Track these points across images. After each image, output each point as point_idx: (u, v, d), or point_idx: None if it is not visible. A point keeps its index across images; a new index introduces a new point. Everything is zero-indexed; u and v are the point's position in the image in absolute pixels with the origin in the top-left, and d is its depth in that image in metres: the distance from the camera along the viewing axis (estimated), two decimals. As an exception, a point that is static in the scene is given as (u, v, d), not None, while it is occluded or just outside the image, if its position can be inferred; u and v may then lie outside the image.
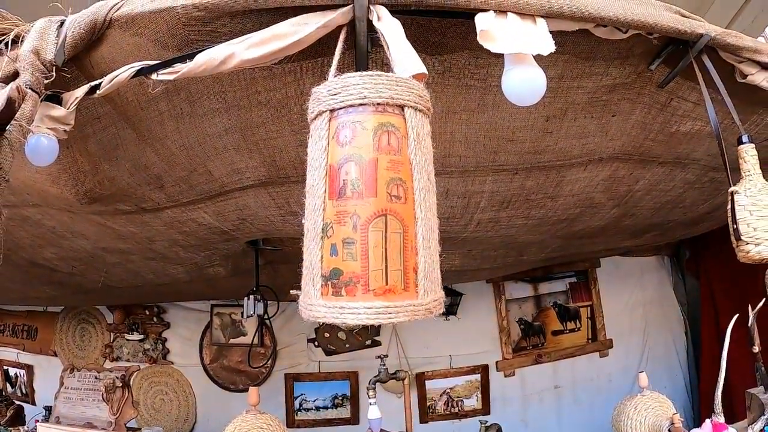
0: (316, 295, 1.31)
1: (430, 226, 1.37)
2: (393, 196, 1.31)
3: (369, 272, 1.27)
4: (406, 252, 1.30)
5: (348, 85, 1.37)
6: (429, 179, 1.40)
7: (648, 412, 3.37)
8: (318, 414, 7.11)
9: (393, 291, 1.27)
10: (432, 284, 1.35)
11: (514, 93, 1.70)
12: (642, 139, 3.00)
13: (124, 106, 2.14)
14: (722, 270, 3.99)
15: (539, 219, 3.86)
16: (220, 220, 3.24)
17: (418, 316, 1.31)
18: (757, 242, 2.16)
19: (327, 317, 1.29)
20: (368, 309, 1.25)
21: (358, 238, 1.29)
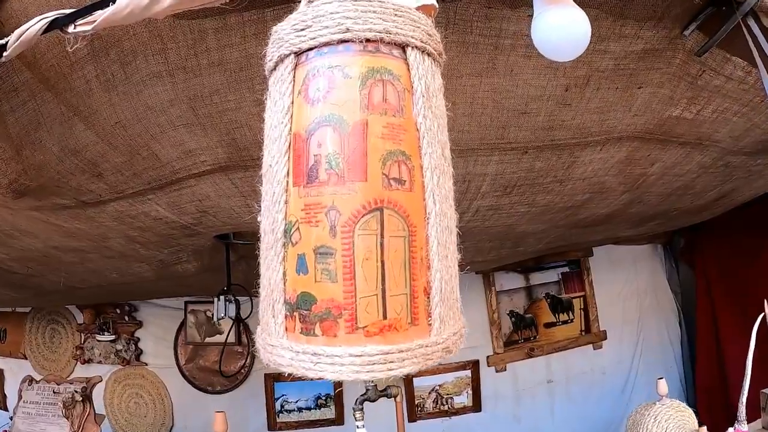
0: (278, 331, 0.87)
1: (446, 225, 0.92)
2: (392, 179, 0.85)
3: (356, 300, 0.82)
4: (413, 266, 0.85)
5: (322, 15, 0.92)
6: (444, 155, 0.95)
7: (669, 423, 3.19)
8: (301, 415, 6.91)
9: (395, 327, 0.82)
10: (451, 311, 0.92)
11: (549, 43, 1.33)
12: (666, 117, 2.79)
13: (44, 73, 1.78)
14: (718, 258, 3.86)
15: (544, 206, 3.61)
16: (177, 213, 2.91)
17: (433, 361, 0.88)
18: None
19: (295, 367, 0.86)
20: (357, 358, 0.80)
21: (338, 246, 0.83)
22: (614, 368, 7.14)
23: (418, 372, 3.20)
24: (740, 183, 4.37)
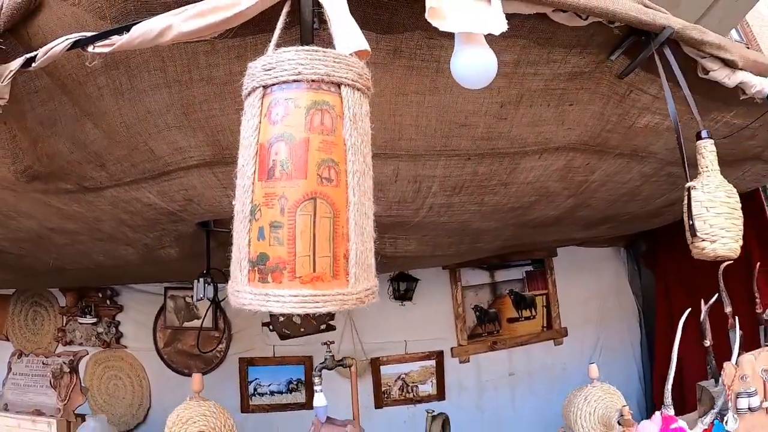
0: (243, 281, 1.25)
1: (364, 212, 1.31)
2: (324, 178, 1.24)
3: (296, 258, 1.21)
4: (336, 238, 1.24)
5: (282, 60, 1.31)
6: (365, 162, 1.34)
7: (598, 404, 3.43)
8: (272, 399, 7.11)
9: (321, 279, 1.21)
10: (365, 272, 1.29)
11: (463, 75, 1.67)
12: (599, 130, 3.02)
13: (63, 80, 2.08)
14: (677, 264, 4.09)
15: (493, 206, 3.86)
16: (165, 200, 3.20)
17: (348, 306, 1.25)
18: (713, 239, 2.18)
19: (253, 305, 1.23)
20: (294, 297, 1.18)
21: (285, 221, 1.22)
22: (574, 364, 7.31)
23: (385, 360, 3.62)
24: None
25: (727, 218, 2.16)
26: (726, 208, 2.18)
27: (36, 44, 1.81)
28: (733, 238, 2.17)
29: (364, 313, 6.96)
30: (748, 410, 3.26)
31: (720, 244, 2.15)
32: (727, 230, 2.16)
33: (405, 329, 7.22)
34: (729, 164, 3.85)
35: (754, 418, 3.27)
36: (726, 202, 2.19)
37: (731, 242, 2.16)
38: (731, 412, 3.26)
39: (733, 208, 2.20)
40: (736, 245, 2.19)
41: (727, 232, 2.16)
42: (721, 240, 2.15)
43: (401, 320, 7.21)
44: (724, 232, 2.15)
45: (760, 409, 3.27)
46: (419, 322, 7.28)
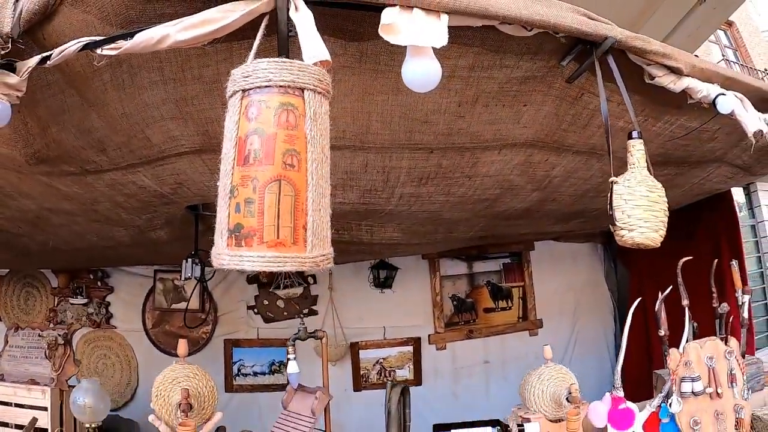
0: (223, 245, 1.55)
1: (321, 192, 1.60)
2: (288, 164, 1.53)
3: (264, 227, 1.49)
4: (296, 212, 1.52)
5: (257, 70, 1.59)
6: (323, 152, 1.62)
7: (550, 382, 3.59)
8: (255, 379, 7.29)
9: (283, 244, 1.50)
10: (320, 241, 1.59)
11: (411, 80, 1.93)
12: (555, 129, 3.20)
13: (71, 76, 2.31)
14: (651, 262, 4.25)
15: (460, 197, 4.05)
16: (158, 183, 3.41)
17: (305, 267, 1.54)
18: (631, 228, 2.39)
19: (230, 264, 1.52)
20: (261, 258, 1.48)
21: (256, 198, 1.51)
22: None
23: (364, 344, 3.91)
24: None
25: (646, 210, 2.37)
26: (645, 201, 2.38)
27: (49, 45, 2.02)
28: (652, 228, 2.39)
29: (346, 300, 7.22)
30: (692, 394, 3.40)
31: (638, 233, 2.38)
32: (645, 221, 2.37)
33: (384, 316, 7.41)
34: (693, 165, 4.14)
35: (698, 401, 3.41)
36: (646, 196, 2.39)
37: (649, 232, 2.38)
38: (675, 395, 3.42)
39: (653, 201, 2.40)
40: (654, 234, 2.40)
41: (645, 222, 2.37)
42: (639, 229, 2.37)
43: (381, 307, 7.42)
44: (641, 222, 2.37)
45: (704, 394, 3.42)
46: (398, 309, 7.48)
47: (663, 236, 2.48)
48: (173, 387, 3.09)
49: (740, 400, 3.45)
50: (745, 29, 17.97)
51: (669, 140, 3.47)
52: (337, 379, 7.09)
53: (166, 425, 3.12)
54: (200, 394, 3.13)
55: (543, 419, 3.54)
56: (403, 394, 3.25)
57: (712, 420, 3.41)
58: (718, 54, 16.55)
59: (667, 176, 4.27)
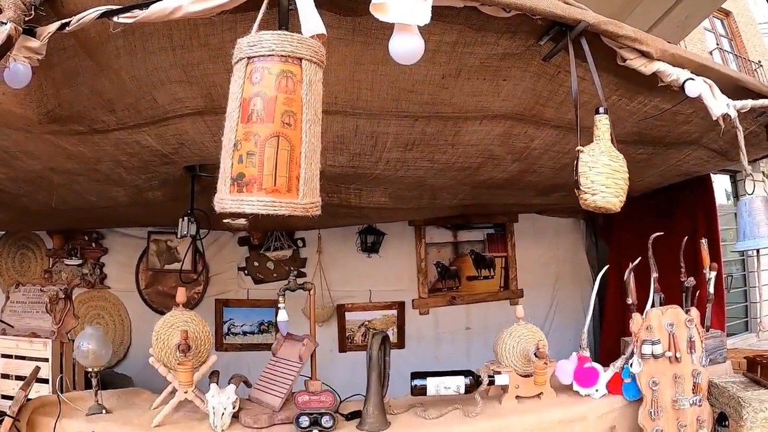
0: (226, 192, 1.77)
1: (313, 148, 1.82)
2: (285, 123, 1.75)
3: (263, 176, 1.71)
4: (291, 164, 1.74)
5: (262, 40, 1.81)
6: (316, 114, 1.84)
7: (520, 339, 3.79)
8: (245, 339, 7.52)
9: (279, 191, 1.72)
10: (311, 190, 1.81)
11: (396, 54, 2.14)
12: (533, 104, 3.39)
13: (86, 41, 2.48)
14: (630, 238, 4.42)
15: (444, 164, 4.25)
16: (161, 143, 3.59)
17: (297, 212, 1.76)
18: (594, 192, 2.64)
19: (232, 207, 1.74)
20: (260, 202, 1.70)
21: (257, 151, 1.73)
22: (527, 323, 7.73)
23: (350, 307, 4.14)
24: (631, 169, 4.60)
25: (608, 177, 2.61)
26: (608, 169, 2.62)
27: (67, 12, 2.18)
28: (613, 194, 2.64)
29: (333, 263, 7.43)
30: (652, 356, 3.60)
31: (600, 197, 2.63)
32: (606, 186, 2.61)
33: (370, 280, 7.63)
34: (670, 146, 4.32)
35: (657, 364, 3.61)
36: (608, 164, 2.63)
37: (610, 197, 2.63)
38: (636, 357, 3.62)
39: (614, 170, 2.64)
40: (615, 199, 2.65)
41: (606, 188, 2.62)
42: (601, 194, 2.62)
43: (367, 271, 7.64)
44: (603, 188, 2.61)
45: (664, 357, 3.61)
46: (384, 273, 7.70)
47: (623, 201, 2.73)
48: (172, 331, 3.33)
49: (698, 366, 3.63)
50: (742, 20, 17.98)
51: (643, 119, 3.62)
52: (324, 340, 7.18)
53: (164, 367, 3.36)
54: (197, 337, 3.37)
55: (513, 373, 3.72)
56: (383, 342, 3.47)
57: (671, 382, 3.59)
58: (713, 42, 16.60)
59: (645, 155, 4.49)
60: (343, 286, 7.65)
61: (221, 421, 3.24)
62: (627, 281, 3.85)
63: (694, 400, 3.59)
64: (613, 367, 3.79)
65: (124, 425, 3.30)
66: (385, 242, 7.77)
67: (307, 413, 3.27)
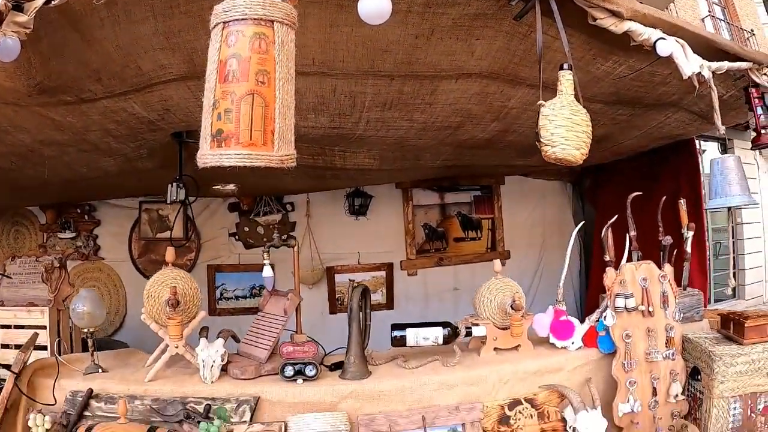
0: (207, 148, 1.90)
1: (286, 105, 1.94)
2: (259, 81, 1.87)
3: (240, 131, 1.84)
4: (266, 119, 1.87)
5: (236, 6, 1.92)
6: (289, 72, 1.96)
7: (498, 292, 3.90)
8: (237, 303, 7.70)
9: (255, 144, 1.85)
10: (285, 144, 1.94)
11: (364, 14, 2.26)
12: (507, 63, 3.46)
13: (71, 14, 2.56)
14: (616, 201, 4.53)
15: (423, 123, 4.34)
16: (147, 109, 3.68)
17: (273, 164, 1.89)
18: (554, 144, 2.75)
19: (212, 162, 1.87)
20: (238, 155, 1.83)
21: (234, 108, 1.85)
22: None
23: (339, 269, 4.31)
24: (612, 130, 4.94)
25: (568, 130, 2.72)
26: (568, 123, 2.72)
27: None
28: (573, 146, 2.73)
29: (322, 226, 7.60)
30: (625, 310, 3.70)
31: (560, 149, 2.73)
32: (566, 139, 2.71)
33: (359, 242, 7.80)
34: (649, 107, 4.42)
35: (630, 317, 3.71)
36: (569, 118, 2.73)
37: (570, 149, 2.73)
38: (609, 310, 3.72)
39: (575, 124, 2.74)
40: (575, 152, 2.74)
41: (566, 140, 2.72)
42: (561, 146, 2.72)
43: (355, 233, 7.80)
44: (563, 140, 2.71)
45: (636, 311, 3.71)
46: (372, 236, 7.86)
47: (585, 155, 2.82)
48: (162, 288, 3.47)
49: (671, 320, 3.74)
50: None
51: (619, 79, 3.70)
52: (314, 302, 7.55)
53: (156, 323, 3.50)
54: (186, 294, 3.51)
55: (491, 325, 3.84)
56: (363, 294, 3.61)
57: (644, 336, 3.70)
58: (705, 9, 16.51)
59: (624, 116, 4.59)
60: (332, 249, 7.81)
61: (210, 373, 3.39)
62: (604, 238, 3.94)
63: (667, 354, 3.69)
64: (588, 320, 3.90)
65: (119, 382, 3.42)
66: (372, 205, 7.91)
67: (291, 363, 3.41)
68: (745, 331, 3.40)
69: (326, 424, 3.12)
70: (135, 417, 3.16)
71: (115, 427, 2.99)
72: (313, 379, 3.44)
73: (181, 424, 3.15)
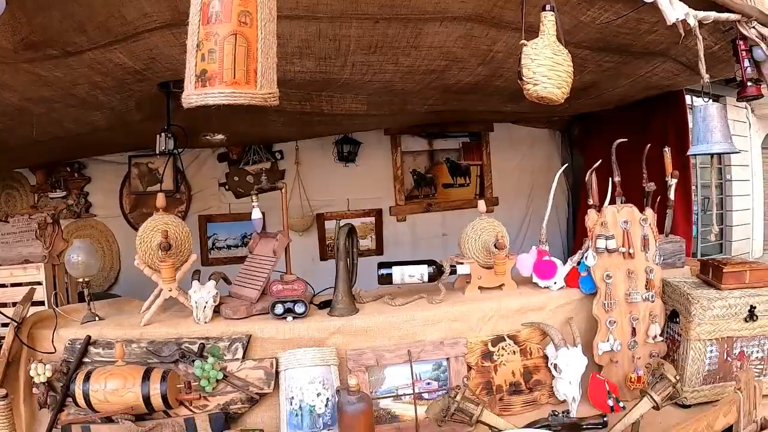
0: (191, 89, 1.96)
1: (268, 44, 2.00)
2: (242, 22, 1.93)
3: (223, 70, 1.90)
4: (249, 59, 1.93)
5: (216, -49, 1.99)
6: (270, 13, 2.02)
7: (482, 232, 3.97)
8: (229, 252, 7.80)
9: (239, 83, 1.91)
10: (268, 83, 2.01)
11: None
12: (492, 5, 3.47)
13: None
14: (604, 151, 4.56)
15: (409, 67, 4.36)
16: (133, 59, 3.70)
17: (256, 101, 1.95)
18: (536, 83, 2.84)
19: (197, 101, 1.93)
20: (221, 93, 1.89)
21: (217, 49, 1.91)
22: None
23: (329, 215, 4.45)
24: (600, 77, 4.96)
25: (550, 69, 2.80)
26: (550, 62, 2.81)
27: None
28: (555, 85, 2.82)
29: (311, 173, 7.68)
30: (606, 251, 3.74)
31: (541, 87, 2.82)
32: (548, 78, 2.80)
33: (348, 188, 7.91)
34: (638, 56, 4.44)
35: (611, 258, 3.76)
36: (551, 57, 2.81)
37: (552, 87, 2.82)
38: (591, 251, 3.77)
39: (557, 63, 2.82)
40: (557, 90, 2.83)
41: (548, 79, 2.80)
42: (542, 84, 2.81)
43: (345, 180, 7.90)
44: (545, 79, 2.80)
45: (617, 252, 3.75)
46: (361, 182, 7.96)
47: (566, 94, 2.91)
48: (154, 233, 3.53)
49: (651, 263, 3.79)
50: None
51: (605, 25, 3.72)
52: (304, 249, 7.66)
53: (149, 268, 3.58)
54: (177, 237, 3.57)
55: (475, 264, 3.91)
56: (350, 233, 3.69)
57: (624, 277, 3.76)
58: None
59: (612, 64, 4.61)
60: (322, 196, 7.92)
61: (203, 314, 3.48)
62: (588, 182, 4.00)
63: (647, 296, 3.75)
64: (570, 261, 3.96)
65: (116, 328, 3.49)
66: (361, 151, 7.99)
67: (281, 301, 3.49)
68: (723, 276, 3.45)
69: (316, 359, 3.22)
70: (132, 360, 3.24)
71: (113, 369, 3.06)
72: (303, 316, 3.52)
73: (176, 363, 3.26)
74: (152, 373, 3.05)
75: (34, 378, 3.19)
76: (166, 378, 3.04)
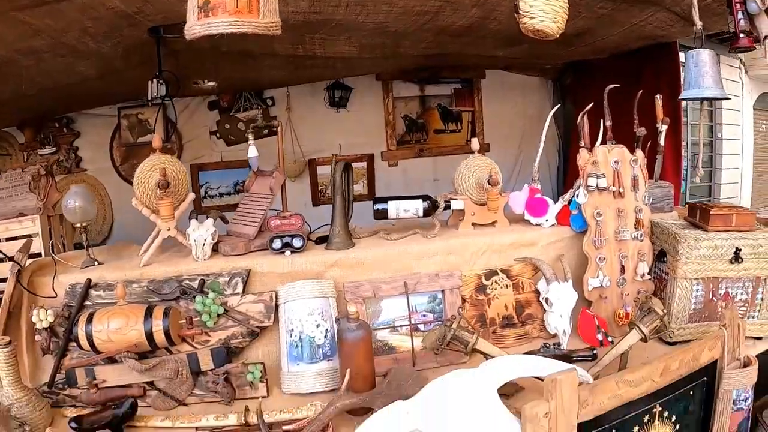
0: (194, 20, 1.99)
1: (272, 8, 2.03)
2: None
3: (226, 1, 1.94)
4: None
5: None
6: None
7: (476, 169, 4.05)
8: (222, 200, 7.82)
9: (242, 12, 1.94)
10: (270, 12, 2.04)
11: None
12: None
13: None
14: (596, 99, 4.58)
15: (402, 8, 4.37)
16: (125, 2, 3.67)
17: (259, 30, 1.99)
18: (532, 17, 2.87)
19: (200, 32, 1.97)
20: (225, 22, 1.93)
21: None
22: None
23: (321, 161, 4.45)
24: (594, 24, 4.99)
25: (546, 3, 2.83)
26: None
27: None
28: (551, 19, 2.85)
29: (303, 119, 7.69)
30: (596, 189, 3.83)
31: (538, 21, 2.85)
32: (544, 12, 2.83)
33: (339, 134, 7.90)
34: (632, 3, 4.48)
35: (602, 197, 3.84)
36: None
37: (548, 21, 2.85)
38: (582, 188, 3.86)
39: None
40: (552, 24, 2.87)
41: (544, 13, 2.83)
42: (539, 18, 2.84)
43: (336, 125, 7.90)
44: (541, 13, 2.83)
45: (608, 191, 3.83)
46: (353, 127, 7.98)
47: (561, 29, 2.94)
48: (151, 173, 3.56)
49: (641, 203, 3.88)
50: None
51: None
52: (297, 194, 7.63)
53: (147, 208, 3.61)
54: (175, 176, 3.60)
55: (469, 200, 4.01)
56: (346, 168, 3.74)
57: (614, 215, 3.84)
58: None
59: (606, 10, 4.64)
60: (314, 142, 7.93)
61: (203, 251, 3.54)
62: (580, 125, 4.04)
63: (636, 235, 3.83)
64: (561, 199, 4.07)
65: (115, 270, 3.54)
66: (352, 97, 8.00)
67: (279, 236, 3.57)
68: (710, 218, 3.52)
69: (314, 291, 3.29)
70: (133, 299, 3.30)
71: (115, 309, 3.10)
72: (300, 250, 3.60)
73: (177, 300, 3.33)
74: (154, 310, 3.10)
75: (36, 324, 3.23)
76: (168, 314, 3.09)
